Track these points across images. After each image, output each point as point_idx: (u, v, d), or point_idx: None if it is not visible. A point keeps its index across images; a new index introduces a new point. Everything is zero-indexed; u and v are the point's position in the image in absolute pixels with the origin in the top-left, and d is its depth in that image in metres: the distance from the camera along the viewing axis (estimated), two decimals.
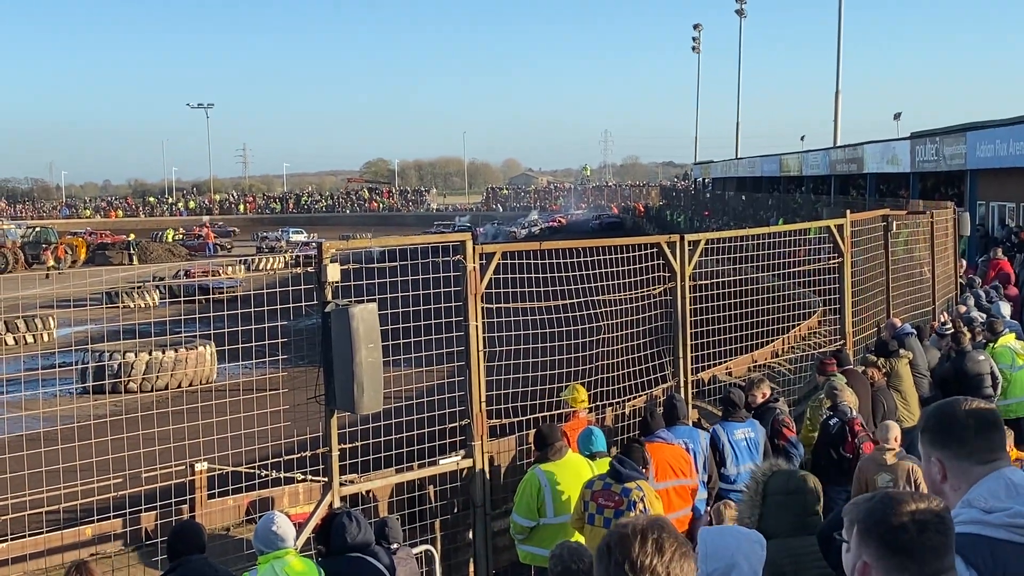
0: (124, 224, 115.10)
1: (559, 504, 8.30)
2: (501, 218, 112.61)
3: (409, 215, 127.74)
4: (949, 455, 3.31)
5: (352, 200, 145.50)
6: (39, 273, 45.17)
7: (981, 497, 3.18)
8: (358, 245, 9.64)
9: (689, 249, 11.07)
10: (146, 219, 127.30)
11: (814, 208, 43.41)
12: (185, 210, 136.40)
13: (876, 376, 11.93)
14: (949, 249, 19.49)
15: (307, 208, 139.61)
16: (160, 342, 24.05)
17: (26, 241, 64.86)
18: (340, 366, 7.85)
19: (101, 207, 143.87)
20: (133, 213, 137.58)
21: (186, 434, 8.76)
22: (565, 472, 8.41)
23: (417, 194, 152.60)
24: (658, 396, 11.22)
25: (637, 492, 7.69)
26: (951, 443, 3.31)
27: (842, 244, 13.58)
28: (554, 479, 8.33)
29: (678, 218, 74.35)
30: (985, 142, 30.61)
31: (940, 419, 3.38)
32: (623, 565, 2.67)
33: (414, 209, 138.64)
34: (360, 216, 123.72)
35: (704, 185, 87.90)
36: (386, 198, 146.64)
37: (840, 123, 56.23)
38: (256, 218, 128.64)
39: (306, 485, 9.34)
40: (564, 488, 8.34)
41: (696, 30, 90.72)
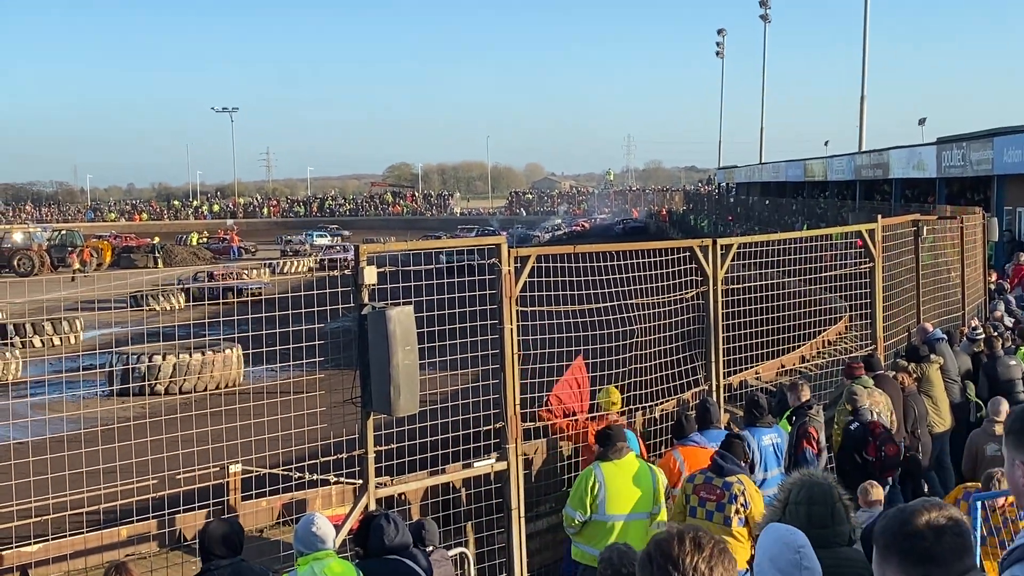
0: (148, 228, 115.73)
1: (612, 502, 8.30)
2: (524, 222, 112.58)
3: (432, 219, 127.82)
4: None
5: (375, 204, 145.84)
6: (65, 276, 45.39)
7: None
8: (394, 248, 9.68)
9: (721, 253, 11.07)
10: (170, 223, 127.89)
11: (839, 213, 43.25)
12: (209, 214, 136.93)
13: (907, 381, 11.90)
14: (978, 254, 19.41)
15: (331, 212, 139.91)
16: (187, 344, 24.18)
17: (52, 244, 65.18)
18: (377, 368, 7.88)
19: (126, 210, 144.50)
20: (157, 217, 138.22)
21: (223, 435, 8.83)
22: (623, 473, 8.40)
23: (440, 198, 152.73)
24: (689, 400, 11.22)
25: (738, 486, 7.82)
26: None
27: (873, 249, 13.53)
28: (612, 477, 8.34)
29: (702, 223, 74.19)
30: (1012, 147, 30.44)
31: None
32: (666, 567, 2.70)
33: (437, 213, 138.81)
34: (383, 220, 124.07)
35: (728, 190, 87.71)
36: (409, 202, 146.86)
37: (865, 128, 56.14)
38: (280, 222, 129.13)
39: (339, 487, 9.40)
40: (620, 488, 8.34)
41: (720, 35, 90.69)
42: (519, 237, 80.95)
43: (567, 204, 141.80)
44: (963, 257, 17.73)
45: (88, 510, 8.33)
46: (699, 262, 10.95)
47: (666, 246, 11.06)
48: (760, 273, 13.07)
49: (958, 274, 17.67)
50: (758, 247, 13.03)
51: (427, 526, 7.62)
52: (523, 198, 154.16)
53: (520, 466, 9.32)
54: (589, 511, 8.29)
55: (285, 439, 8.78)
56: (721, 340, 11.15)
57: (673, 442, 9.72)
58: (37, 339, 30.77)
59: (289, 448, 8.97)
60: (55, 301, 32.22)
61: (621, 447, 8.44)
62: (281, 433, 8.71)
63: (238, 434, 8.70)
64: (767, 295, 12.58)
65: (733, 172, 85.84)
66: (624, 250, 10.61)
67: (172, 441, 8.68)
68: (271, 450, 8.77)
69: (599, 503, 8.27)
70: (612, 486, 8.29)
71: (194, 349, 24.13)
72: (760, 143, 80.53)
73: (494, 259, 8.98)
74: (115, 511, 8.79)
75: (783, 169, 66.04)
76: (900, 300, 14.97)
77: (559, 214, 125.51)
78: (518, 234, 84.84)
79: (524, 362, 9.41)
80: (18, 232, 68.64)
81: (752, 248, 12.89)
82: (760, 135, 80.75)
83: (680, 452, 9.09)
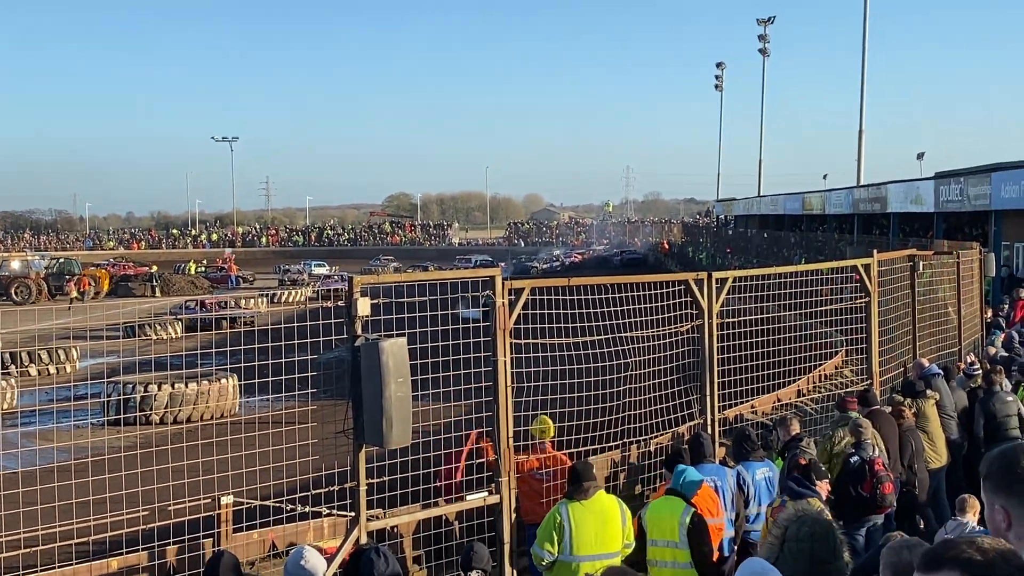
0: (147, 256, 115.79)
1: (579, 544, 8.27)
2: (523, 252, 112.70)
3: (431, 249, 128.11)
4: (1015, 503, 3.21)
5: (374, 234, 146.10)
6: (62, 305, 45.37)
7: None
8: (387, 280, 9.66)
9: (716, 287, 11.06)
10: (169, 251, 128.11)
11: (837, 247, 43.31)
12: (208, 242, 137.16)
13: (908, 416, 11.87)
14: (975, 290, 19.41)
15: (329, 241, 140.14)
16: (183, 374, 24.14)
17: (50, 272, 65.17)
18: (369, 400, 7.85)
19: (124, 239, 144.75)
20: (156, 245, 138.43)
21: (214, 467, 8.77)
22: (590, 513, 8.36)
23: (439, 228, 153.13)
24: (684, 433, 11.18)
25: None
26: (1016, 490, 3.22)
27: (869, 284, 13.53)
28: (578, 518, 8.31)
29: (700, 255, 74.28)
30: (1010, 183, 30.54)
31: (1003, 466, 3.28)
32: None
33: (436, 243, 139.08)
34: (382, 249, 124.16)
35: (726, 222, 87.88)
36: (408, 232, 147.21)
37: (863, 162, 56.34)
38: (278, 251, 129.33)
39: (331, 519, 9.33)
40: (586, 529, 8.29)
41: (719, 68, 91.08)
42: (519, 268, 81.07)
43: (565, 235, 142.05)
44: (959, 292, 17.72)
45: (78, 541, 8.28)
46: (694, 295, 10.94)
47: (661, 279, 11.04)
48: (756, 307, 13.06)
49: (955, 309, 17.65)
50: (754, 280, 13.02)
51: (476, 548, 7.64)
52: (522, 229, 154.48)
53: (513, 499, 9.27)
54: (556, 551, 8.26)
55: (277, 470, 8.74)
56: (716, 374, 11.12)
57: None
58: (33, 368, 30.74)
59: (281, 480, 8.92)
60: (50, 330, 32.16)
61: (588, 487, 8.38)
62: (273, 465, 8.67)
63: (229, 465, 8.66)
64: (763, 328, 12.56)
65: (732, 204, 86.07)
66: (619, 283, 10.58)
67: (164, 472, 8.64)
68: (263, 481, 8.73)
69: (565, 544, 8.24)
70: (578, 527, 8.26)
71: (189, 379, 24.10)
72: (759, 176, 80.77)
73: (488, 291, 8.97)
74: (105, 542, 8.73)
75: (781, 202, 66.20)
76: (896, 335, 14.96)
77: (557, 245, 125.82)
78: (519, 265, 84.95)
79: (518, 394, 9.38)
80: (16, 260, 68.57)
81: (748, 281, 12.89)
82: (759, 168, 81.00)
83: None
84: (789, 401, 14.76)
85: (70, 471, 8.53)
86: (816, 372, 16.56)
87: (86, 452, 9.85)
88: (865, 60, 56.02)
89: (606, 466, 10.78)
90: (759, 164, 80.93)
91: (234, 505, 8.96)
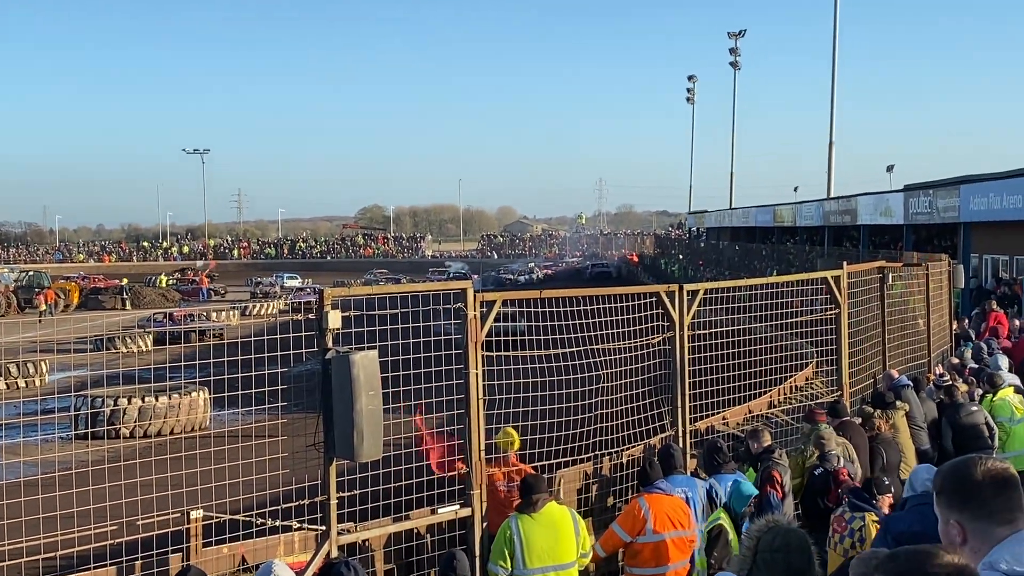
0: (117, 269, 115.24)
1: (531, 557, 8.29)
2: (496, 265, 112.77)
3: (404, 262, 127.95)
4: (968, 517, 3.23)
5: (347, 246, 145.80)
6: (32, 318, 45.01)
7: (1003, 560, 3.12)
8: (359, 292, 9.63)
9: (688, 299, 11.08)
10: (139, 264, 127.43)
11: (808, 259, 43.56)
12: (179, 255, 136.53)
13: (883, 427, 11.91)
14: (944, 301, 19.55)
15: (302, 254, 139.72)
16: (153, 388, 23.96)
17: (19, 285, 64.72)
18: (340, 413, 7.82)
19: (94, 251, 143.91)
20: (127, 258, 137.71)
21: (183, 481, 8.71)
22: (540, 525, 8.38)
23: (412, 240, 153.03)
24: (656, 445, 11.19)
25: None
26: (970, 505, 3.24)
27: (839, 295, 13.60)
28: (527, 531, 8.32)
29: (673, 267, 74.53)
30: (979, 195, 30.83)
31: (956, 480, 3.30)
32: None
33: (409, 256, 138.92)
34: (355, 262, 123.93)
35: (698, 234, 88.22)
36: (381, 244, 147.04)
37: (834, 174, 56.70)
38: (250, 264, 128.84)
39: (302, 534, 9.27)
40: (536, 541, 8.32)
41: (691, 81, 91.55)
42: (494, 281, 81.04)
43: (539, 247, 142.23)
44: (928, 304, 17.84)
45: (45, 556, 8.19)
46: (666, 307, 10.96)
47: (633, 291, 11.05)
48: (728, 318, 13.10)
49: (924, 321, 17.77)
50: (725, 292, 13.06)
51: (458, 556, 7.72)
52: (495, 241, 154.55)
53: (485, 512, 9.25)
54: (509, 566, 8.27)
55: (248, 484, 8.68)
56: (687, 385, 11.14)
57: (639, 489, 9.67)
58: (1, 382, 30.46)
59: (251, 494, 8.86)
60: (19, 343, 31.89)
61: (537, 499, 8.40)
62: (243, 479, 8.61)
63: (199, 479, 8.60)
64: (735, 340, 12.59)
65: (704, 217, 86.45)
66: (590, 295, 10.59)
67: (133, 486, 8.56)
68: (233, 495, 8.66)
69: (517, 558, 8.25)
70: (529, 540, 8.28)
71: (160, 392, 23.93)
72: (730, 188, 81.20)
73: (460, 304, 8.96)
74: (73, 557, 8.64)
75: (753, 214, 66.55)
76: (866, 346, 15.04)
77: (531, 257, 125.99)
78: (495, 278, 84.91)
79: (490, 407, 9.37)
80: None
81: (719, 293, 12.92)
82: (730, 180, 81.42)
83: (646, 500, 9.03)
84: (760, 413, 14.78)
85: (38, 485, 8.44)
86: (787, 384, 16.61)
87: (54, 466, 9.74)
88: (835, 74, 56.55)
89: (578, 478, 10.77)
90: (731, 176, 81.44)
91: (203, 519, 8.89)
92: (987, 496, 3.23)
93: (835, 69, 56.34)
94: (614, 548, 9.15)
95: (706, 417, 12.51)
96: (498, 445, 10.19)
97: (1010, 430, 13.44)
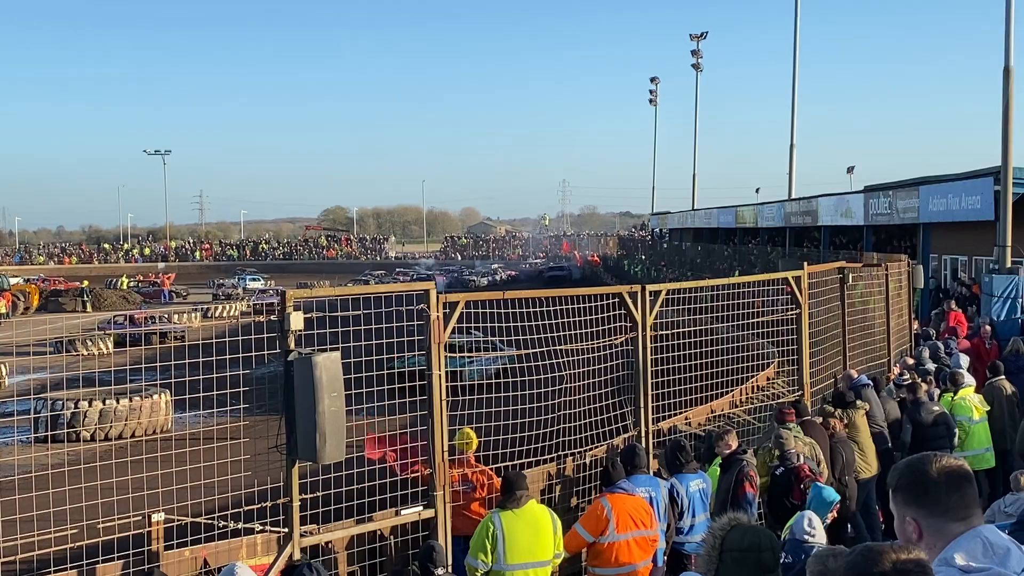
0: (78, 271, 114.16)
1: (512, 552, 8.32)
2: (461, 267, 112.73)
3: (367, 263, 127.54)
4: (924, 514, 3.27)
5: (310, 248, 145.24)
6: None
7: (958, 556, 3.16)
8: (321, 294, 9.61)
9: (650, 299, 11.13)
10: (100, 266, 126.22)
11: (770, 260, 43.81)
12: (140, 257, 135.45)
13: (837, 427, 12.01)
14: (904, 301, 19.73)
15: (264, 255, 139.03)
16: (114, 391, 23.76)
17: None
18: (302, 415, 7.80)
19: (55, 253, 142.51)
20: (87, 260, 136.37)
21: (144, 484, 8.66)
22: (522, 521, 8.43)
23: (375, 242, 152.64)
24: (619, 445, 11.23)
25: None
26: (925, 502, 3.28)
27: (800, 295, 13.69)
28: (510, 526, 8.35)
29: (636, 268, 74.72)
30: (937, 196, 31.10)
31: (912, 478, 3.33)
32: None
33: (372, 257, 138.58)
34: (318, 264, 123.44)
35: (661, 235, 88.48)
36: (344, 246, 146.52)
37: (795, 176, 57.08)
38: (212, 265, 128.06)
39: (265, 536, 9.23)
40: (519, 537, 8.36)
41: (653, 83, 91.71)
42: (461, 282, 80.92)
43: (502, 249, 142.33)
44: (888, 304, 18.00)
45: (5, 560, 8.12)
46: (628, 308, 11.00)
47: (595, 292, 11.08)
48: (690, 319, 13.16)
49: (884, 321, 17.93)
50: (688, 293, 13.13)
51: (436, 547, 7.79)
52: (458, 243, 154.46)
53: (448, 513, 9.26)
54: (490, 560, 8.29)
55: (210, 487, 8.64)
56: (650, 386, 11.19)
57: (602, 489, 9.71)
58: None
59: (214, 496, 8.82)
60: None
61: (521, 496, 8.45)
62: (205, 481, 8.57)
63: (159, 482, 8.55)
64: (697, 340, 12.65)
65: (667, 218, 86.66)
66: (553, 296, 10.62)
67: (94, 489, 8.50)
68: (196, 498, 8.62)
69: (499, 553, 8.28)
70: (511, 536, 8.31)
71: (122, 395, 23.74)
72: (693, 189, 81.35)
73: (423, 304, 8.96)
74: (33, 561, 8.57)
75: (715, 215, 66.80)
76: (827, 346, 15.15)
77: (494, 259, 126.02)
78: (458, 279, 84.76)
79: (452, 408, 9.37)
80: None
81: (682, 294, 12.99)
82: (693, 181, 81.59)
83: (608, 500, 9.07)
84: (723, 412, 14.88)
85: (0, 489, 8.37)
86: (749, 383, 16.72)
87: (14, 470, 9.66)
88: (796, 78, 56.92)
89: (541, 479, 10.80)
90: (693, 178, 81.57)
91: (165, 522, 8.84)
92: (942, 493, 3.26)
93: (796, 74, 56.77)
94: (577, 548, 9.17)
95: (669, 417, 12.57)
96: (456, 447, 10.21)
97: (969, 429, 13.60)
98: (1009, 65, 24.85)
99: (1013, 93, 24.91)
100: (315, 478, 8.60)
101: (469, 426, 10.19)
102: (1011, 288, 23.90)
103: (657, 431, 11.71)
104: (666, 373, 11.75)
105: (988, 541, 3.21)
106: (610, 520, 8.84)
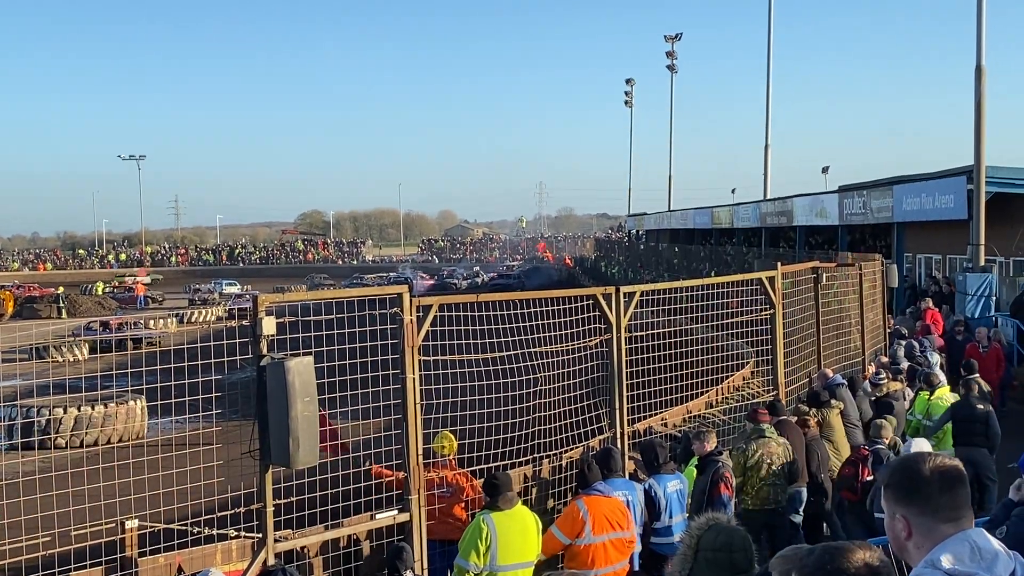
0: (53, 277, 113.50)
1: (504, 553, 8.30)
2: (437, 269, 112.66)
3: (344, 267, 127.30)
4: (914, 512, 3.25)
5: (287, 252, 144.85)
6: None
7: (944, 559, 3.14)
8: (294, 298, 9.58)
9: (625, 301, 11.14)
10: (75, 272, 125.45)
11: (745, 260, 43.93)
12: (116, 262, 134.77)
13: (812, 426, 12.06)
14: (878, 300, 19.83)
15: (241, 260, 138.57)
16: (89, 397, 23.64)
17: None
18: (275, 420, 7.77)
19: (29, 260, 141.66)
20: (62, 266, 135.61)
21: (116, 491, 8.60)
22: (514, 522, 8.41)
23: (352, 246, 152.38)
24: (595, 447, 11.23)
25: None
26: (916, 500, 3.25)
27: (774, 296, 13.73)
28: (503, 527, 8.33)
29: (613, 269, 74.80)
30: (911, 196, 31.27)
31: (904, 475, 3.31)
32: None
33: (349, 261, 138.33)
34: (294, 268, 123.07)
35: (638, 237, 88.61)
36: (321, 250, 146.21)
37: (770, 176, 57.26)
38: (188, 270, 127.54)
39: (240, 542, 9.20)
40: (511, 538, 8.35)
41: (629, 84, 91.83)
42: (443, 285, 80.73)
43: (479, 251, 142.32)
44: (863, 303, 18.08)
45: None
46: (602, 310, 11.01)
47: (569, 294, 11.07)
48: (665, 320, 13.17)
49: (858, 320, 18.01)
50: (662, 294, 13.14)
51: (406, 549, 7.86)
52: (435, 246, 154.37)
53: (423, 518, 9.23)
54: (483, 562, 8.27)
55: (183, 493, 8.59)
56: (625, 387, 11.18)
57: (578, 491, 9.71)
58: None
59: (187, 502, 8.77)
60: None
61: (511, 496, 8.44)
62: (179, 487, 8.52)
63: (132, 489, 8.49)
64: (673, 341, 12.67)
65: (643, 219, 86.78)
66: (527, 298, 10.61)
67: (66, 497, 8.44)
68: (169, 504, 8.57)
69: (492, 554, 8.25)
70: (504, 537, 8.28)
71: (95, 401, 23.61)
72: (668, 191, 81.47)
73: (396, 308, 8.94)
74: (4, 570, 8.50)
75: (691, 216, 66.95)
76: (801, 346, 15.20)
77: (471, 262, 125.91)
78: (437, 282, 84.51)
79: (427, 412, 9.35)
80: None
81: (657, 295, 13.00)
82: (669, 183, 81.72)
83: (584, 502, 9.07)
84: (699, 413, 14.91)
85: None
86: (725, 384, 16.77)
87: None
88: (770, 77, 57.08)
89: (518, 481, 10.79)
90: (669, 179, 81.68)
91: (139, 529, 8.79)
92: (934, 492, 3.23)
93: (770, 74, 56.93)
94: (553, 550, 9.16)
95: (645, 418, 12.58)
96: (434, 450, 10.19)
97: (945, 428, 13.65)
98: (981, 64, 25.03)
99: (985, 92, 25.09)
100: (289, 483, 8.56)
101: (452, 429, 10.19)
102: (985, 286, 24.07)
103: (633, 432, 11.72)
104: (642, 375, 11.76)
105: (976, 545, 3.19)
106: (586, 522, 8.83)
